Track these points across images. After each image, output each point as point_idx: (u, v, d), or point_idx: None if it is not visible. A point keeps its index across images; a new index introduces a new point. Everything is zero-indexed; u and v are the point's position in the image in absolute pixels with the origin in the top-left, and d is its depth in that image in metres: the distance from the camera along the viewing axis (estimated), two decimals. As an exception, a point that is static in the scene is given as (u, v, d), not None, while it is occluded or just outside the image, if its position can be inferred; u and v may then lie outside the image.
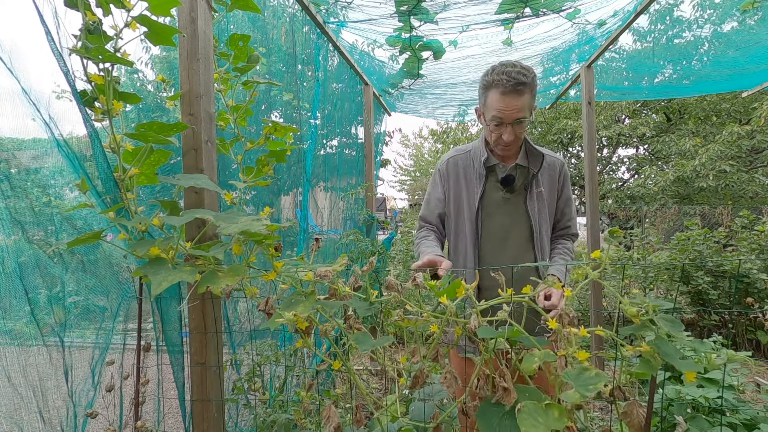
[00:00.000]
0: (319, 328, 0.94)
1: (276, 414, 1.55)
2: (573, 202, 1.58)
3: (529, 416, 0.69)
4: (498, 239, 1.50)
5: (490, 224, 1.50)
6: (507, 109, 1.33)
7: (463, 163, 1.56)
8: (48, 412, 1.19)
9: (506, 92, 1.32)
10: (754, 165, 9.44)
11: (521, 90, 1.31)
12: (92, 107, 1.00)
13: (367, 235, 3.43)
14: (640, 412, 0.76)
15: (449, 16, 2.55)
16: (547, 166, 1.52)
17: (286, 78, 2.49)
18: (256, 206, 2.21)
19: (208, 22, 1.24)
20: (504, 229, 1.50)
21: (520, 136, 1.41)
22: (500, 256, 1.49)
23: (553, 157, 1.54)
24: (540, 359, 0.76)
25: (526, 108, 1.34)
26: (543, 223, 1.50)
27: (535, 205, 1.49)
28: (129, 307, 1.44)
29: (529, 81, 1.32)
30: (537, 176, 1.49)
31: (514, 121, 1.35)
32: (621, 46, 3.50)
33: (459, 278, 0.86)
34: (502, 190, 1.50)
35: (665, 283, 4.34)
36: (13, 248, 1.15)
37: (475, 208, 1.49)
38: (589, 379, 0.70)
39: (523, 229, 1.49)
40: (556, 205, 1.55)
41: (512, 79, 1.30)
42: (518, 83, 1.30)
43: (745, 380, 2.32)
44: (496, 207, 1.50)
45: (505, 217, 1.50)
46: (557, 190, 1.54)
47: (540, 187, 1.50)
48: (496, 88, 1.34)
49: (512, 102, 1.32)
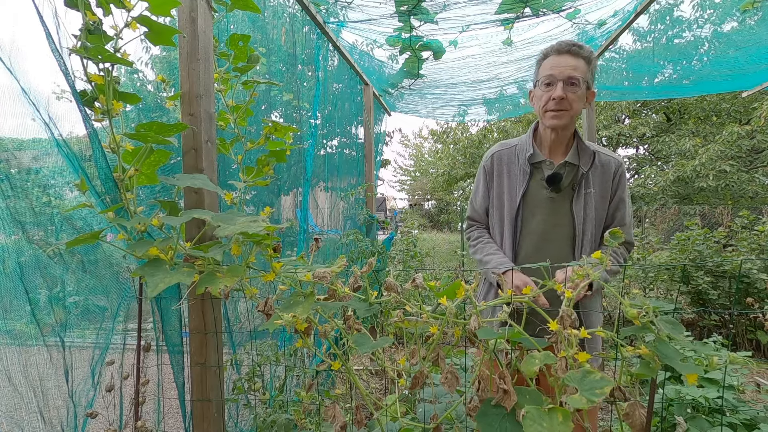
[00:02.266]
0: (318, 329, 0.94)
1: (276, 414, 1.55)
2: (628, 206, 1.44)
3: (534, 422, 0.69)
4: (537, 240, 1.42)
5: (530, 224, 1.42)
6: (560, 65, 1.31)
7: (507, 158, 1.49)
8: (48, 412, 1.19)
9: (561, 52, 1.32)
10: (754, 165, 9.44)
11: (576, 51, 1.31)
12: (92, 107, 1.00)
13: (367, 235, 3.43)
14: (641, 413, 0.75)
15: (449, 16, 2.55)
16: (600, 165, 1.41)
17: (286, 78, 2.49)
18: (257, 206, 2.21)
19: (208, 22, 1.24)
20: (545, 230, 1.41)
21: (571, 102, 1.32)
22: (538, 257, 1.39)
23: (608, 155, 1.44)
24: (540, 361, 0.76)
25: (580, 71, 1.30)
26: (588, 227, 1.39)
27: (581, 207, 1.38)
28: (129, 307, 1.44)
29: (584, 51, 1.32)
30: (587, 176, 1.39)
31: (567, 79, 1.30)
32: (621, 46, 3.50)
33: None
34: (547, 188, 1.40)
35: (665, 283, 4.33)
36: (14, 248, 1.15)
37: (516, 205, 1.41)
38: (595, 383, 0.70)
39: (565, 231, 1.40)
40: (608, 209, 1.43)
41: (568, 42, 1.33)
42: (574, 44, 1.32)
43: (745, 380, 2.32)
44: (538, 206, 1.42)
45: (548, 218, 1.41)
46: (611, 192, 1.42)
47: (590, 188, 1.39)
48: (551, 53, 1.35)
49: (566, 60, 1.31)
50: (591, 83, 1.35)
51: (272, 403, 1.73)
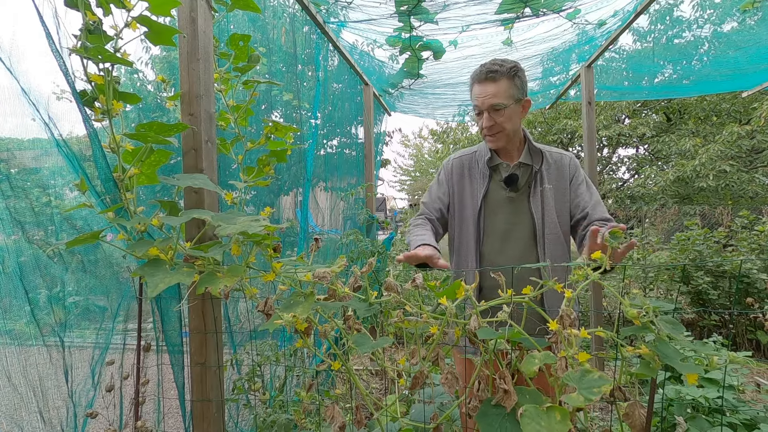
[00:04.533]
0: (318, 329, 0.94)
1: (276, 414, 1.55)
2: (590, 188, 1.50)
3: (532, 420, 0.69)
4: (500, 238, 1.49)
5: (492, 223, 1.50)
6: (481, 95, 1.41)
7: (468, 163, 1.58)
8: (48, 412, 1.19)
9: (480, 81, 1.42)
10: (754, 165, 9.44)
11: (493, 77, 1.39)
12: (92, 107, 1.00)
13: (367, 235, 3.43)
14: (641, 413, 0.75)
15: (449, 16, 2.55)
16: (554, 163, 1.51)
17: (287, 78, 2.49)
18: (257, 206, 2.21)
19: (208, 22, 1.24)
20: (507, 229, 1.49)
21: (502, 124, 1.42)
22: (502, 255, 1.48)
23: (560, 152, 1.54)
24: (540, 361, 0.76)
25: (502, 95, 1.39)
26: (549, 222, 1.47)
27: (539, 203, 1.47)
28: (129, 307, 1.44)
29: (503, 69, 1.39)
30: (541, 173, 1.49)
31: (490, 107, 1.40)
32: (621, 46, 3.50)
33: (460, 279, 0.86)
34: (506, 189, 1.50)
35: (665, 283, 4.33)
36: (14, 248, 1.15)
37: (478, 206, 1.49)
38: (593, 382, 0.70)
39: (526, 227, 1.48)
40: (571, 198, 1.50)
41: (485, 69, 1.40)
42: (490, 71, 1.39)
43: (745, 380, 2.32)
44: (499, 206, 1.50)
45: (508, 216, 1.49)
46: (568, 183, 1.51)
47: (544, 185, 1.48)
48: (474, 81, 1.45)
49: (486, 89, 1.40)
50: (522, 94, 1.43)
51: (272, 403, 1.74)
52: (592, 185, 1.53)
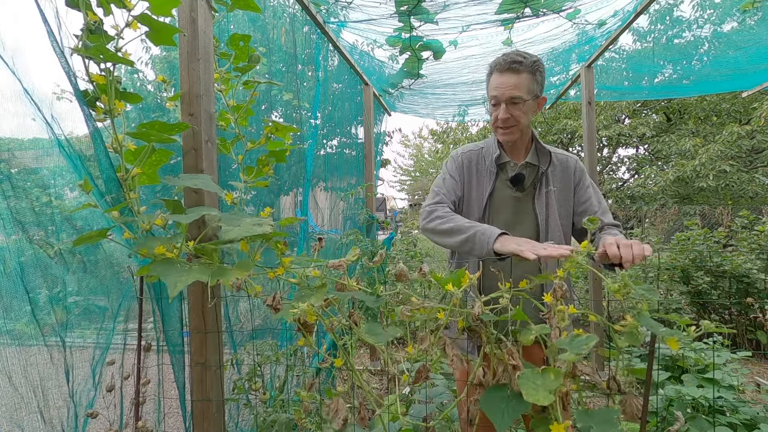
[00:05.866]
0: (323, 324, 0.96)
1: (276, 413, 1.55)
2: (596, 193, 1.50)
3: (528, 380, 0.75)
4: None
5: (496, 222, 1.48)
6: (501, 86, 1.37)
7: (475, 159, 1.55)
8: (48, 412, 1.19)
9: (502, 71, 1.37)
10: (754, 165, 9.45)
11: (516, 68, 1.35)
12: (94, 107, 1.00)
13: (367, 235, 3.43)
14: (635, 403, 0.83)
15: (449, 16, 2.55)
16: (559, 164, 1.50)
17: (287, 78, 2.49)
18: (257, 206, 2.21)
19: (209, 22, 1.24)
20: (508, 227, 1.46)
21: (517, 118, 1.39)
22: None
23: (565, 155, 1.53)
24: (536, 332, 0.84)
25: (523, 88, 1.35)
26: (552, 223, 1.46)
27: (543, 204, 1.46)
28: (129, 307, 1.44)
29: (526, 62, 1.35)
30: (547, 174, 1.47)
31: (508, 99, 1.37)
32: (621, 46, 3.50)
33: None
34: (512, 188, 1.49)
35: (665, 283, 4.34)
36: (14, 248, 1.15)
37: (484, 204, 1.48)
38: (581, 341, 0.76)
39: (528, 227, 1.47)
40: (578, 203, 1.49)
41: (508, 59, 1.36)
42: (514, 62, 1.35)
43: (745, 380, 2.32)
44: (503, 205, 1.49)
45: (512, 216, 1.48)
46: (573, 186, 1.50)
47: (550, 186, 1.47)
48: (494, 70, 1.41)
49: (507, 80, 1.36)
50: (539, 91, 1.40)
51: (272, 402, 1.74)
52: (597, 190, 1.53)
